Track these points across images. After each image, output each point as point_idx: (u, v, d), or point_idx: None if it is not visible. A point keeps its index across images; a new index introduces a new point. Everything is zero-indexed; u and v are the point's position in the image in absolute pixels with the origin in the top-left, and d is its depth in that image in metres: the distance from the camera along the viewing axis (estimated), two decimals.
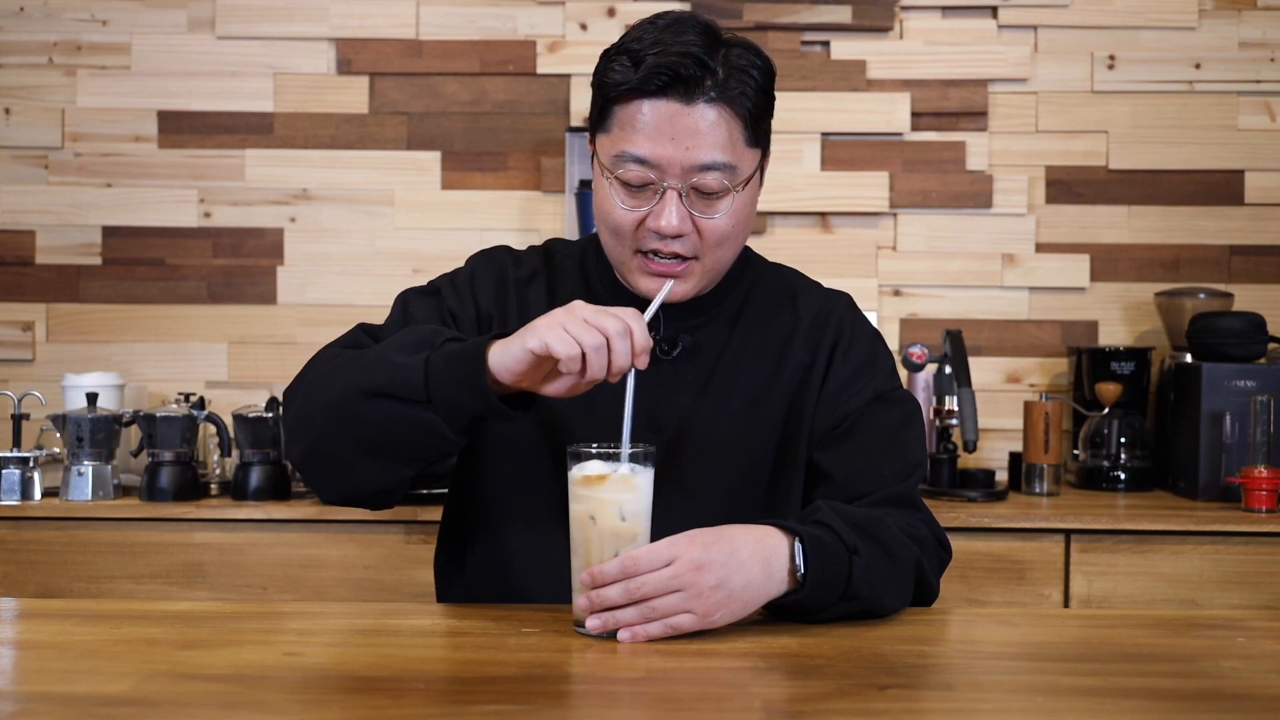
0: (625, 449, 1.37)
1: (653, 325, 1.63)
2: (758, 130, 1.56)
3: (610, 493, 1.36)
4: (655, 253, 1.55)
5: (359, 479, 1.50)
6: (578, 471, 1.37)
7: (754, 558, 1.37)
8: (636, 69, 1.51)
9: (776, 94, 1.59)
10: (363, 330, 1.61)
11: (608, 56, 1.56)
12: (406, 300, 1.67)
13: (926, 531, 1.58)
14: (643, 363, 1.39)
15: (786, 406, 1.65)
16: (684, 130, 1.50)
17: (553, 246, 1.75)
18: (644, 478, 1.38)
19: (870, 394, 1.65)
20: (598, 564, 1.34)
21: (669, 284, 1.53)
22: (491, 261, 1.71)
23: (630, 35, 1.55)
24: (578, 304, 1.40)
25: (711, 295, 1.66)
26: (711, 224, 1.54)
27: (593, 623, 1.33)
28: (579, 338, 1.36)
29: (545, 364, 1.38)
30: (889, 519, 1.52)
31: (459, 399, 1.41)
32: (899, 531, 1.51)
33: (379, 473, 1.50)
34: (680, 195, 1.52)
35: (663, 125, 1.50)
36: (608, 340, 1.36)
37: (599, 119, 1.57)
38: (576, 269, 1.70)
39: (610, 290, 1.66)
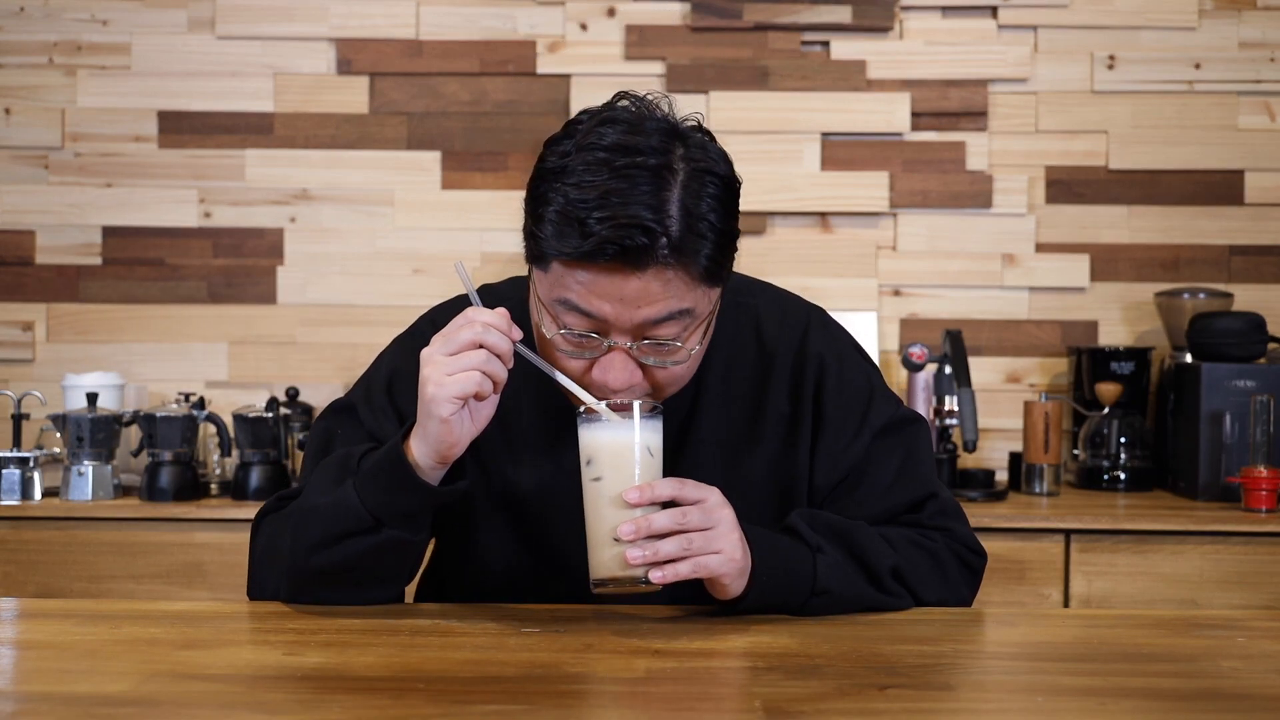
0: (604, 407, 1.36)
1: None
2: (717, 275, 1.39)
3: (632, 431, 1.35)
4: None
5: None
6: (593, 419, 1.36)
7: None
8: (578, 231, 1.32)
9: (776, 94, 1.57)
10: (282, 498, 1.52)
11: (545, 186, 1.36)
12: (327, 429, 1.56)
13: (942, 544, 1.52)
14: (518, 333, 1.35)
15: (775, 466, 1.55)
16: (632, 294, 1.34)
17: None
18: (657, 420, 1.38)
19: (869, 435, 1.55)
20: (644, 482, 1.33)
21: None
22: (411, 351, 1.48)
23: (571, 168, 1.34)
24: (424, 353, 1.35)
25: None
26: (664, 373, 1.41)
27: (634, 553, 1.31)
28: (466, 367, 1.32)
29: (465, 415, 1.34)
30: (889, 530, 1.50)
31: (404, 506, 1.38)
32: (886, 543, 1.48)
33: (373, 602, 1.47)
34: (629, 351, 1.38)
35: (608, 289, 1.35)
36: (483, 346, 1.33)
37: (535, 258, 1.40)
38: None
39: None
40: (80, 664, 1.23)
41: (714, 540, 1.34)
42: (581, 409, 1.37)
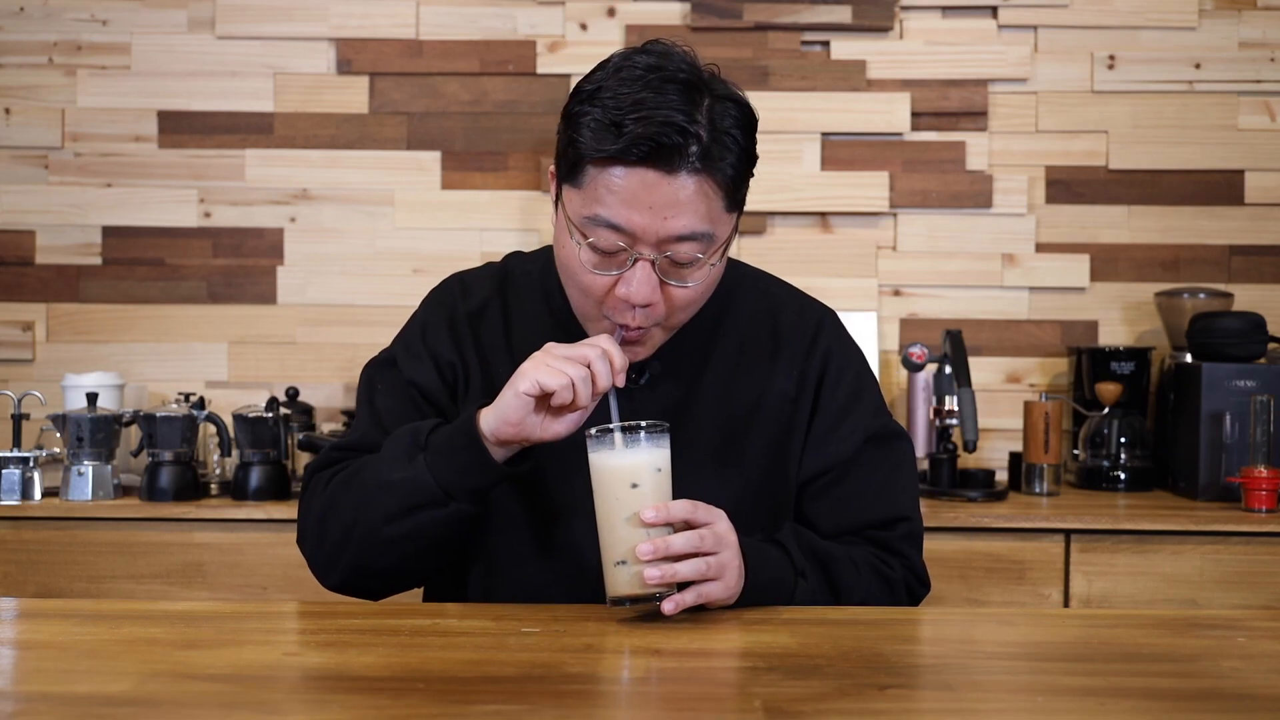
0: (617, 431, 1.40)
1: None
2: (736, 196, 1.49)
3: (646, 455, 1.39)
4: (624, 325, 1.49)
5: (407, 583, 1.61)
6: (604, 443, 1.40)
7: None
8: (614, 132, 1.40)
9: (776, 93, 1.59)
10: (336, 449, 1.61)
11: (581, 105, 1.45)
12: (371, 380, 1.66)
13: (900, 574, 1.58)
14: (620, 380, 1.43)
15: (773, 445, 1.60)
16: (662, 200, 1.42)
17: (510, 265, 1.68)
18: (665, 439, 1.42)
19: (860, 437, 1.61)
20: (659, 503, 1.37)
21: (618, 333, 1.49)
22: (440, 303, 1.66)
23: (607, 87, 1.43)
24: (550, 346, 1.44)
25: None
26: (681, 293, 1.48)
27: (652, 573, 1.35)
28: (563, 369, 1.40)
29: (540, 405, 1.42)
30: (856, 552, 1.56)
31: (474, 483, 1.47)
32: (855, 569, 1.54)
33: (424, 571, 1.60)
34: (653, 265, 1.45)
35: (640, 194, 1.42)
36: (589, 365, 1.41)
37: (569, 172, 1.46)
38: (538, 288, 1.64)
39: (572, 313, 1.60)
40: (80, 664, 1.24)
41: (719, 568, 1.39)
42: (592, 430, 1.41)
